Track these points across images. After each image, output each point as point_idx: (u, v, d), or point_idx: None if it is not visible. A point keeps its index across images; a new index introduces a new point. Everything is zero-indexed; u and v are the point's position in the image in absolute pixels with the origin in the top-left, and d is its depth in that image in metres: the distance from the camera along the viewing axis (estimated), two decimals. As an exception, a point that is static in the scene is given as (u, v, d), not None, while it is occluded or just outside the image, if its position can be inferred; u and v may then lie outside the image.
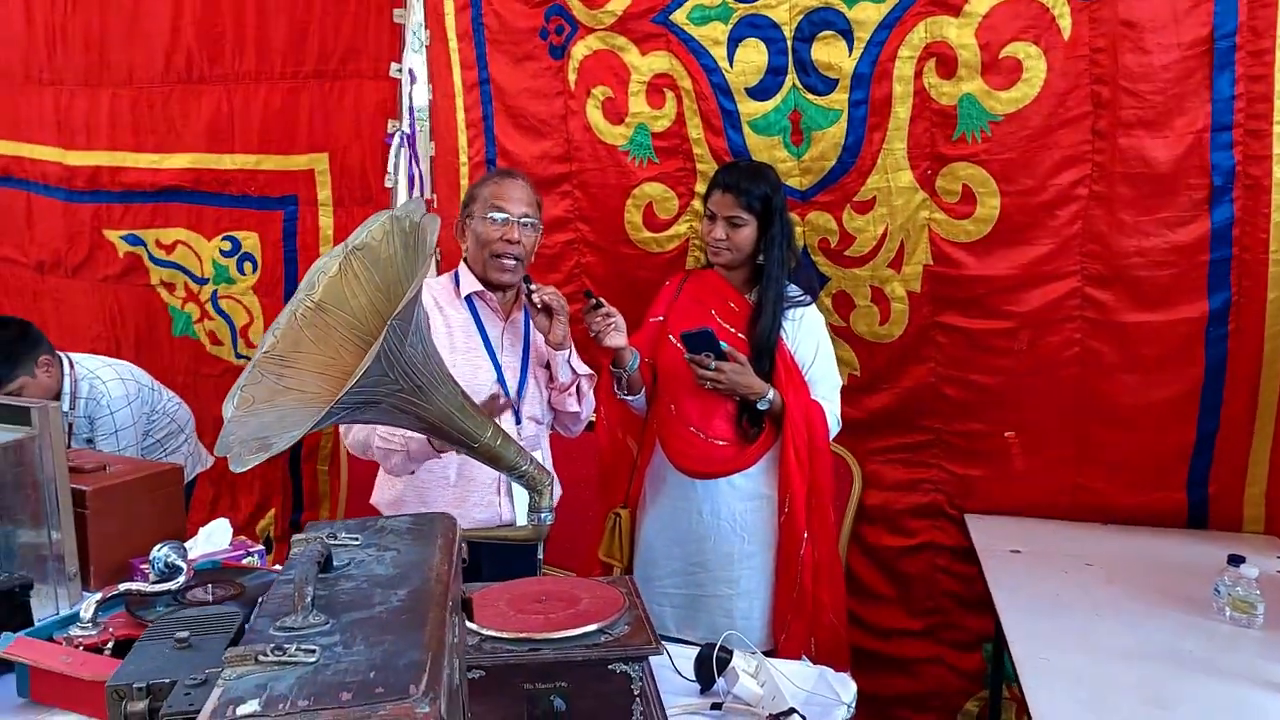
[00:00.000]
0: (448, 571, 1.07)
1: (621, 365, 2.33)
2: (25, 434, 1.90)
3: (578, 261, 2.98)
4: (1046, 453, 2.64)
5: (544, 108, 2.92)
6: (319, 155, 3.44)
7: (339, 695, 0.78)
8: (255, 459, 1.41)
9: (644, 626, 1.56)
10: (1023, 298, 2.55)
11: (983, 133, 2.49)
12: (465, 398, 1.75)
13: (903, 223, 2.60)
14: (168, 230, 3.72)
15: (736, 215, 2.32)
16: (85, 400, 2.86)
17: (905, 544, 2.82)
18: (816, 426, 2.33)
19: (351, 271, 1.71)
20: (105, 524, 2.00)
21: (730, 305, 2.40)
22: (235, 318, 3.69)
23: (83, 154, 3.80)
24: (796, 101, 2.62)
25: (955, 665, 2.81)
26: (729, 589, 2.38)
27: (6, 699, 1.67)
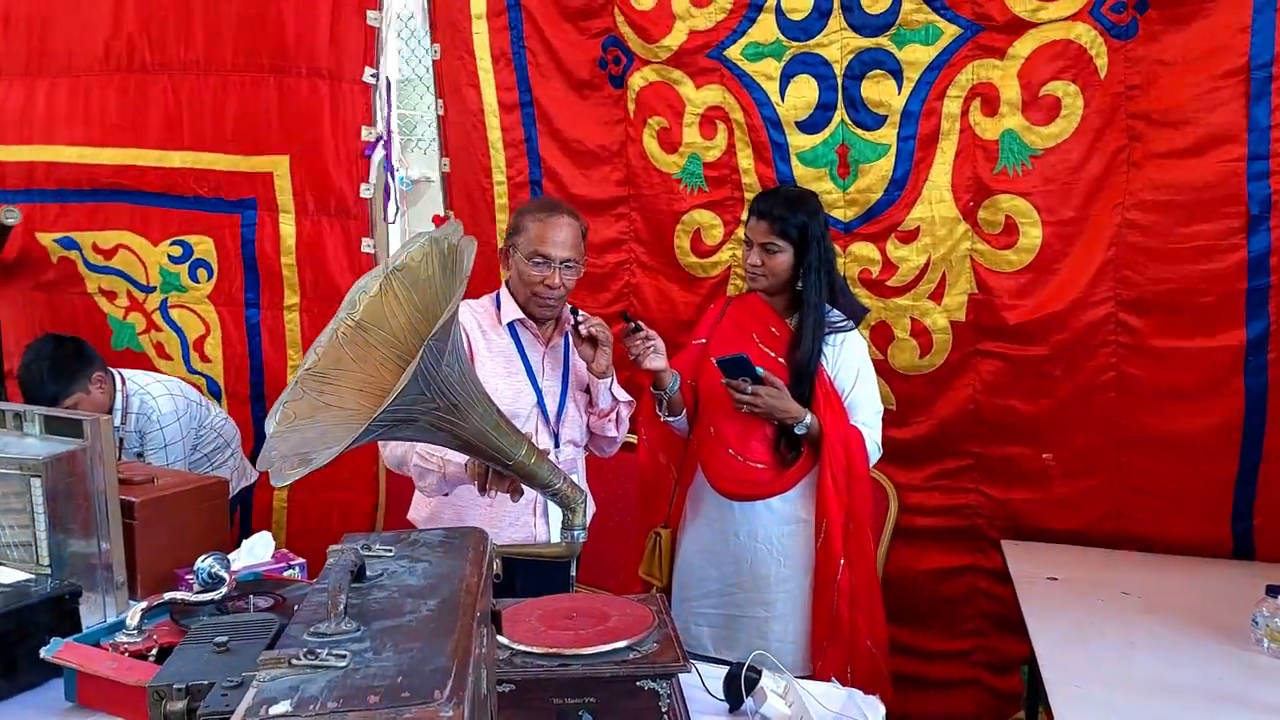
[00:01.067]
0: (477, 584, 1.09)
1: (662, 387, 2.35)
2: (77, 446, 1.97)
3: (627, 281, 3.06)
4: (1085, 479, 2.65)
5: (604, 134, 3.01)
6: (279, 158, 3.26)
7: (367, 698, 0.81)
8: (296, 474, 1.46)
9: (673, 644, 1.58)
10: (1060, 325, 2.59)
11: (1024, 166, 2.58)
12: (500, 416, 1.78)
13: (945, 253, 2.67)
14: (107, 233, 3.46)
15: (771, 242, 2.35)
16: (136, 415, 2.95)
17: (944, 566, 2.81)
18: (855, 452, 2.34)
19: (391, 292, 1.76)
20: (152, 535, 2.07)
21: (771, 330, 2.42)
22: (188, 329, 3.49)
23: (15, 149, 3.53)
24: (845, 136, 2.72)
25: (993, 687, 2.80)
26: (765, 611, 2.39)
27: (54, 702, 1.72)
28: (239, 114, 3.27)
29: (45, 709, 1.72)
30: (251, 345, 3.43)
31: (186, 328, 3.51)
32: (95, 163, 3.45)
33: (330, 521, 3.32)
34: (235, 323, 3.45)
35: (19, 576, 1.88)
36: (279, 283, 3.37)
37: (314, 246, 3.30)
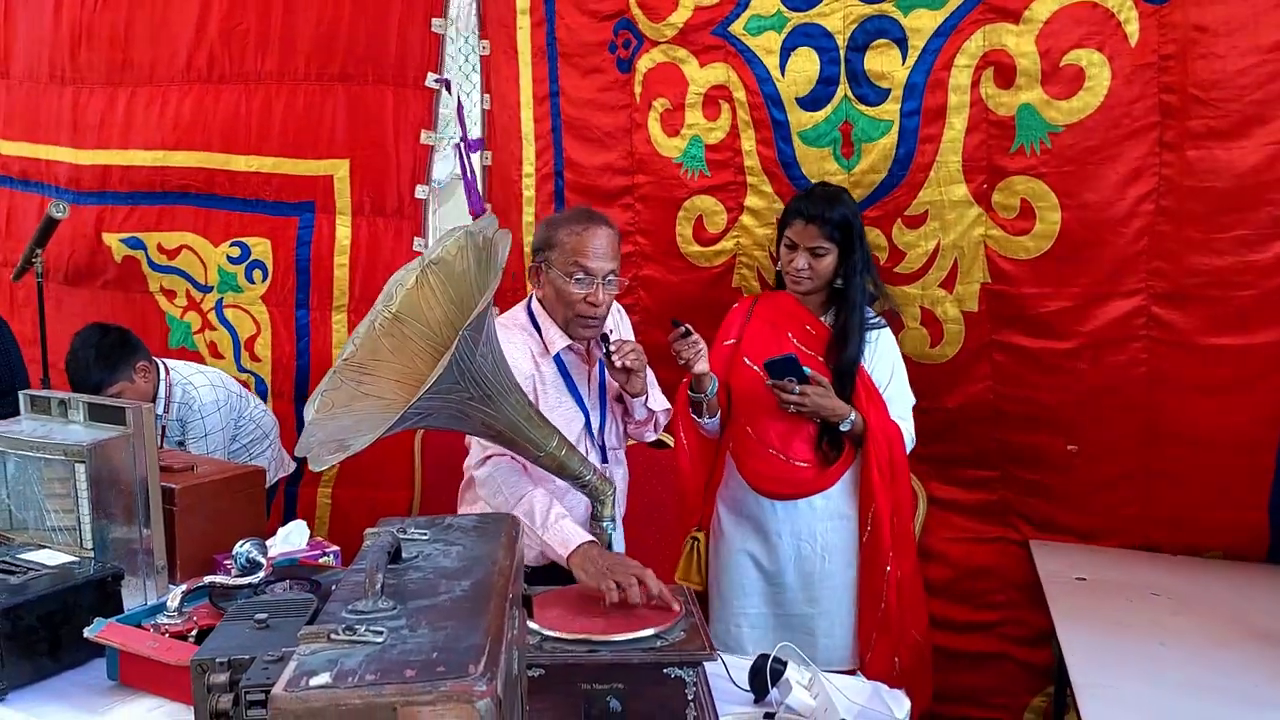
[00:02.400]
0: (509, 567, 1.12)
1: (702, 390, 2.31)
2: (120, 433, 2.02)
3: (635, 274, 2.98)
4: (1112, 473, 2.56)
5: (609, 120, 2.94)
6: (339, 161, 3.34)
7: (404, 672, 0.84)
8: (333, 458, 1.50)
9: (700, 634, 1.60)
10: (1085, 316, 2.47)
11: (1042, 144, 2.41)
12: (532, 408, 1.81)
13: (955, 239, 2.55)
14: (171, 234, 3.57)
15: (819, 245, 2.32)
16: (178, 404, 3.01)
17: (974, 534, 2.75)
18: (896, 445, 2.34)
19: (428, 285, 1.79)
20: (192, 521, 2.12)
21: (808, 329, 2.39)
22: (240, 329, 3.55)
23: (93, 153, 3.68)
24: (847, 112, 2.59)
25: (1023, 661, 2.74)
26: (810, 608, 2.39)
27: (97, 681, 1.78)
28: (305, 120, 3.37)
29: (88, 687, 1.77)
30: (300, 345, 3.50)
31: (239, 327, 3.58)
32: (167, 165, 3.56)
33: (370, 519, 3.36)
34: (285, 323, 3.52)
35: (64, 559, 1.93)
36: (329, 284, 3.45)
37: (369, 247, 3.38)
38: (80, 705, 1.72)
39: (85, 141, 3.72)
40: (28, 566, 1.89)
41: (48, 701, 1.73)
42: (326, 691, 0.81)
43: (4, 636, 1.71)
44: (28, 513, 2.09)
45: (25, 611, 1.75)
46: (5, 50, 3.99)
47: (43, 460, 2.02)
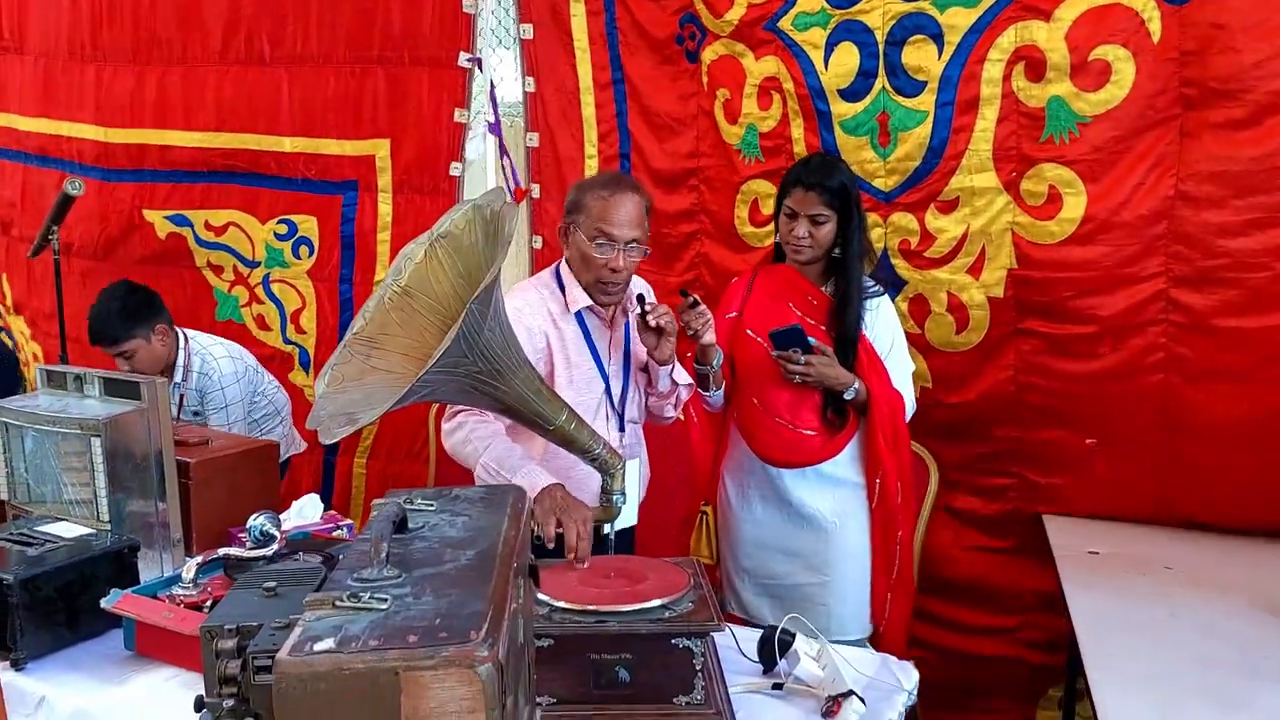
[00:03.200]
0: (515, 537, 1.13)
1: (708, 362, 2.32)
2: (135, 408, 2.05)
3: (698, 251, 3.11)
4: (1130, 462, 2.59)
5: (680, 108, 3.06)
6: (381, 141, 3.42)
7: (406, 638, 0.85)
8: (343, 431, 1.51)
9: (707, 605, 1.61)
10: (1106, 301, 2.53)
11: (1070, 134, 2.51)
12: (542, 382, 1.82)
13: (984, 225, 2.63)
14: (219, 211, 3.65)
15: (819, 213, 2.33)
16: (197, 374, 3.03)
17: (986, 545, 2.80)
18: (899, 412, 2.37)
19: (436, 258, 1.79)
20: (207, 494, 2.14)
21: (810, 299, 2.41)
22: (287, 302, 3.64)
23: (126, 132, 3.73)
24: (885, 103, 2.69)
25: (1038, 664, 2.77)
26: (823, 575, 2.39)
27: (114, 650, 1.81)
28: (346, 102, 3.44)
29: (106, 657, 1.80)
30: (343, 318, 3.57)
31: (286, 301, 3.66)
32: (211, 147, 3.64)
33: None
34: (330, 296, 3.59)
35: (81, 531, 1.96)
36: (371, 259, 3.52)
37: (409, 222, 3.43)
38: (98, 674, 1.75)
39: (114, 120, 3.77)
40: (45, 539, 1.92)
41: (66, 671, 1.77)
42: (330, 656, 0.82)
43: (22, 607, 1.74)
44: (45, 486, 2.12)
45: (43, 582, 1.78)
46: (19, 26, 4.01)
47: (59, 435, 2.05)
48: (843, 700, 1.55)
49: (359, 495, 3.62)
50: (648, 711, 1.55)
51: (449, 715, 0.82)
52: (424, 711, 0.82)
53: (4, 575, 1.74)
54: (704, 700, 1.56)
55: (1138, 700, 1.72)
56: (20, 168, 4.17)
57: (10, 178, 4.22)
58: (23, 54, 4.01)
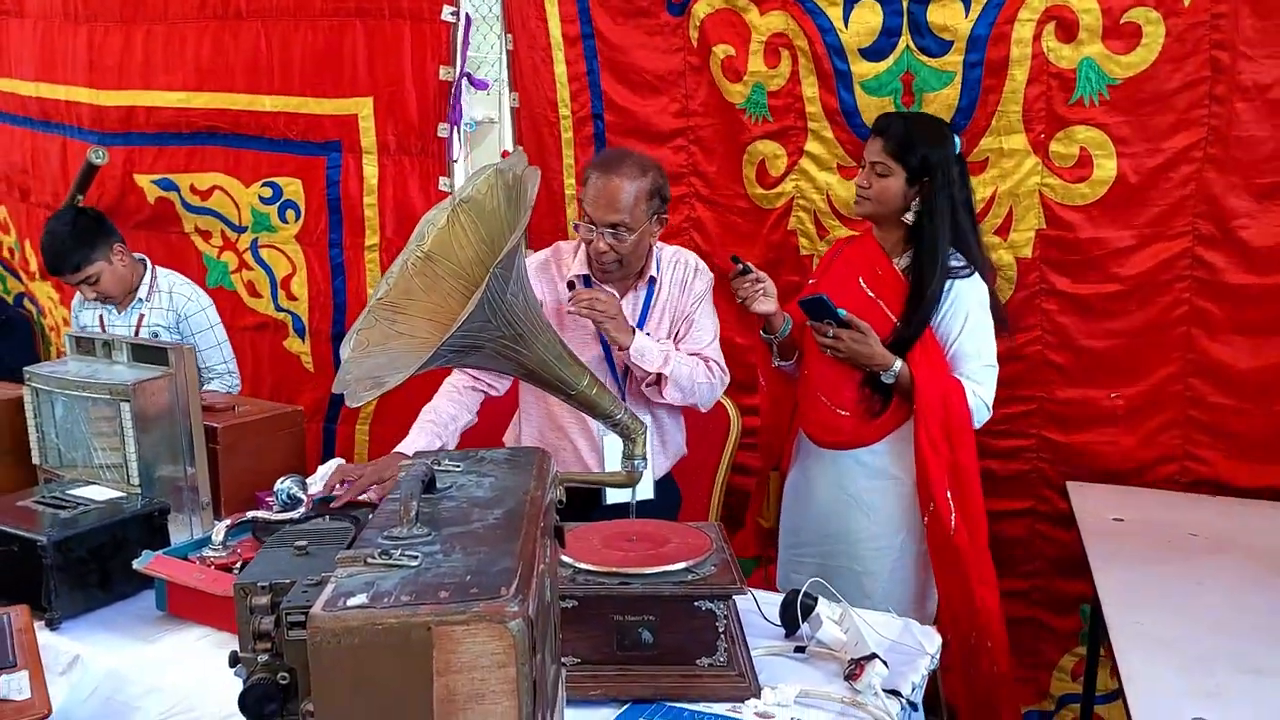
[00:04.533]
0: (541, 498, 1.14)
1: (772, 331, 2.27)
2: (163, 373, 2.07)
3: (688, 215, 3.03)
4: (1154, 418, 2.60)
5: (661, 63, 2.94)
6: (363, 99, 3.28)
7: (438, 594, 0.86)
8: (369, 395, 1.52)
9: (730, 569, 1.62)
10: (1133, 260, 2.54)
11: (1101, 96, 2.49)
12: (563, 346, 1.82)
13: (1012, 186, 2.61)
14: (203, 175, 3.55)
15: (880, 162, 2.21)
16: (170, 295, 3.02)
17: (1004, 508, 2.78)
18: (954, 406, 2.18)
19: (458, 224, 1.80)
20: (234, 458, 2.18)
21: (876, 271, 2.29)
22: (276, 268, 3.56)
23: (114, 94, 3.65)
24: (909, 63, 2.64)
25: (1052, 627, 2.78)
26: (857, 565, 2.31)
27: (146, 611, 1.84)
28: (325, 57, 3.31)
29: (138, 617, 1.84)
30: (335, 284, 3.51)
31: (275, 266, 3.59)
32: (191, 107, 3.54)
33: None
34: (320, 262, 3.53)
35: (112, 494, 2.00)
36: (360, 224, 3.45)
37: (396, 185, 3.35)
38: (130, 634, 1.79)
39: (105, 82, 3.70)
40: (78, 502, 1.95)
41: (99, 630, 1.80)
42: (363, 611, 0.83)
43: (56, 568, 1.78)
44: (76, 451, 2.15)
45: (76, 544, 1.81)
46: None
47: (89, 400, 2.08)
48: (865, 663, 1.56)
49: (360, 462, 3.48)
50: (670, 673, 1.56)
51: (481, 669, 0.83)
52: (456, 666, 0.83)
53: (38, 537, 1.77)
54: (727, 662, 1.57)
55: (1163, 667, 1.71)
56: (28, 133, 4.14)
57: (20, 143, 4.20)
58: (23, 17, 3.97)
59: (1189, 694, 1.61)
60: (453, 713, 0.84)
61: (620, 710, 1.52)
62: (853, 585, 2.25)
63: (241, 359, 3.38)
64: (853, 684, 1.56)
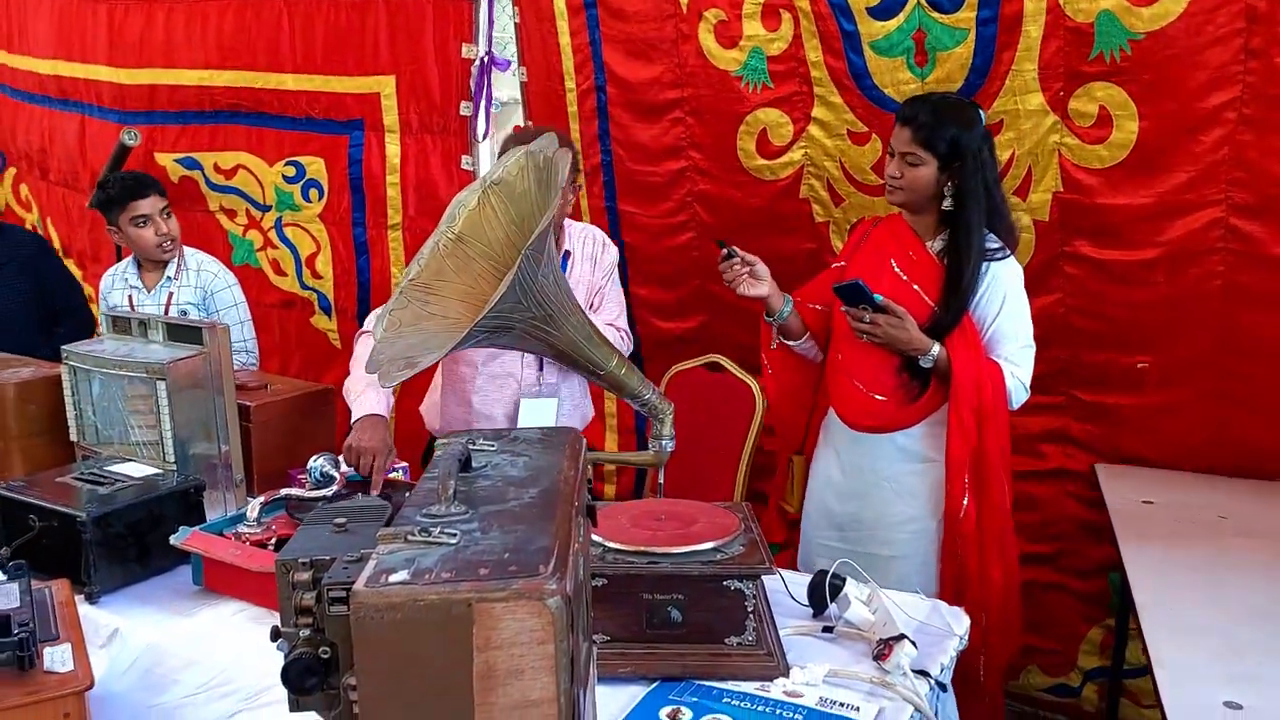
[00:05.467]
0: (574, 477, 1.15)
1: (771, 314, 2.27)
2: (198, 352, 2.10)
3: (690, 189, 2.94)
4: (1184, 390, 2.50)
5: (654, 32, 2.83)
6: (385, 78, 3.25)
7: (478, 571, 0.87)
8: (402, 375, 1.54)
9: (758, 549, 1.63)
10: (1161, 227, 2.39)
11: (1122, 52, 2.32)
12: (593, 328, 1.83)
13: (1031, 147, 2.48)
14: (226, 154, 3.55)
15: (913, 153, 2.16)
16: (196, 272, 3.05)
17: (1032, 468, 2.71)
18: (987, 389, 2.16)
19: (489, 205, 1.81)
20: (267, 436, 2.21)
21: (909, 254, 2.25)
22: (300, 246, 3.56)
23: (136, 72, 3.65)
24: (921, 20, 2.50)
25: (1080, 592, 2.73)
26: (886, 550, 2.27)
27: (183, 585, 1.88)
28: (348, 35, 3.29)
29: (175, 591, 1.87)
30: (359, 263, 3.52)
31: (300, 245, 3.61)
32: (214, 85, 3.55)
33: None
34: (344, 241, 3.53)
35: (149, 471, 2.03)
36: (383, 203, 3.44)
37: (418, 164, 3.35)
38: (167, 608, 1.82)
39: (126, 60, 3.70)
40: (116, 478, 1.99)
41: (137, 604, 1.84)
42: (405, 588, 0.85)
43: (95, 543, 1.81)
44: (113, 429, 2.18)
45: (115, 519, 1.84)
46: None
47: (125, 378, 2.11)
48: (894, 644, 1.57)
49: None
50: (699, 651, 1.58)
51: (520, 646, 0.84)
52: (496, 642, 0.84)
53: (78, 513, 1.81)
54: (755, 641, 1.58)
55: (1194, 651, 1.72)
56: (46, 111, 4.15)
57: (38, 122, 4.22)
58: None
59: (1220, 678, 1.61)
60: (492, 688, 0.85)
61: (649, 688, 1.53)
62: (881, 569, 2.19)
63: (269, 335, 3.41)
64: (881, 664, 1.57)
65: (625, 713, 1.47)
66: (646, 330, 3.19)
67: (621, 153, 3.02)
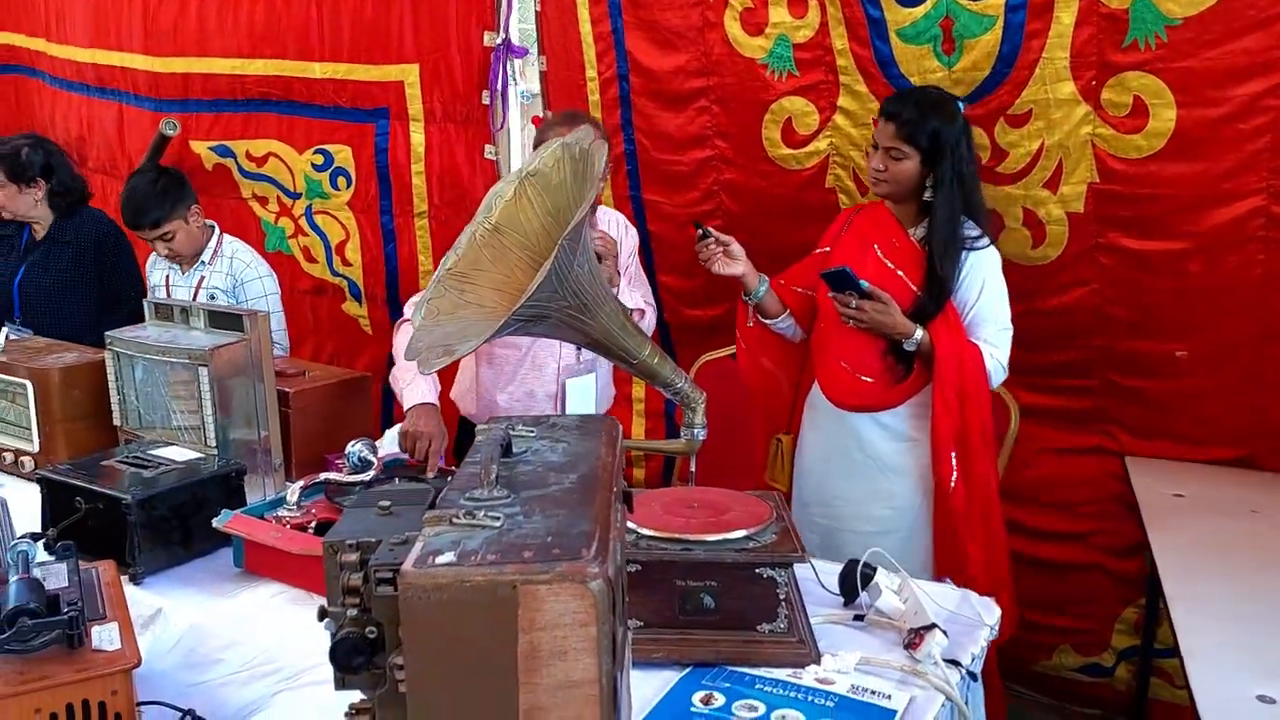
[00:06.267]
0: (612, 463, 1.17)
1: (747, 292, 2.36)
2: (239, 339, 2.13)
3: (716, 178, 2.93)
4: (1221, 376, 2.48)
5: (679, 19, 2.83)
6: (409, 66, 3.29)
7: (522, 553, 0.89)
8: (440, 363, 1.56)
9: (790, 537, 1.65)
10: (1198, 217, 2.37)
11: (1158, 38, 2.29)
12: (627, 317, 1.85)
13: (1061, 138, 2.46)
14: (258, 141, 3.62)
15: (896, 147, 2.26)
16: (229, 259, 3.09)
17: (1066, 446, 2.71)
18: (969, 370, 2.25)
19: (525, 196, 1.83)
20: (305, 422, 2.25)
21: (893, 242, 2.35)
22: (330, 234, 3.61)
23: (170, 60, 3.72)
24: (949, 7, 2.48)
25: (1114, 571, 2.72)
26: (869, 525, 2.37)
27: (224, 568, 1.92)
28: (373, 24, 3.33)
29: (217, 573, 1.91)
30: (387, 250, 3.56)
31: (329, 232, 3.66)
32: (245, 74, 3.60)
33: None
34: (372, 229, 3.58)
35: (191, 455, 2.07)
36: (408, 191, 3.48)
37: (442, 153, 3.38)
38: (209, 589, 1.86)
39: (161, 49, 3.76)
40: (159, 462, 2.03)
41: (180, 586, 1.88)
42: (452, 569, 0.87)
43: (140, 525, 1.85)
44: (155, 414, 2.23)
45: (158, 502, 1.89)
46: None
47: (168, 365, 2.15)
48: (925, 633, 1.58)
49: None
50: (732, 638, 1.60)
51: (563, 627, 0.86)
52: (540, 623, 0.86)
53: (123, 495, 1.85)
54: (787, 629, 1.60)
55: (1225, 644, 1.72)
56: (84, 99, 4.21)
57: (77, 110, 4.28)
58: None
59: (1251, 671, 1.61)
60: (536, 668, 0.88)
61: (683, 673, 1.55)
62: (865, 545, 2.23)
63: (302, 321, 3.47)
64: (912, 653, 1.58)
65: (659, 697, 1.49)
66: (674, 318, 3.20)
67: (645, 142, 3.03)
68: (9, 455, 2.34)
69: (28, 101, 4.61)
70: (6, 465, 2.34)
